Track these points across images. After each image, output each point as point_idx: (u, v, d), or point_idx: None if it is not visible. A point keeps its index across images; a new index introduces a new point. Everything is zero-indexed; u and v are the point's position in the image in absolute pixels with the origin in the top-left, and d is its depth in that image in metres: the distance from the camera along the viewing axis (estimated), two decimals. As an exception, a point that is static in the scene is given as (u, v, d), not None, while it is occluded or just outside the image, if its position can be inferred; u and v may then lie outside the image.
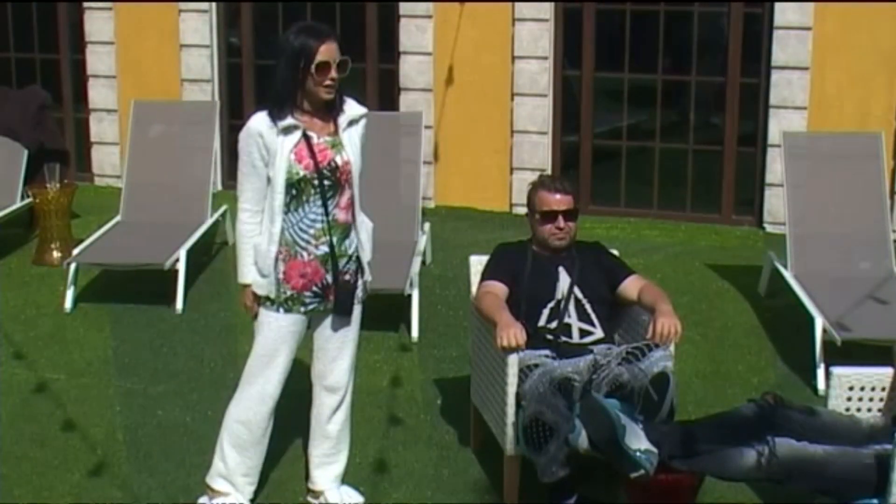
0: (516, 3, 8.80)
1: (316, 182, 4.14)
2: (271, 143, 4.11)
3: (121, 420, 5.36)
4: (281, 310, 4.22)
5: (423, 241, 7.25)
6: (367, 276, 4.39)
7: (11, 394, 5.65)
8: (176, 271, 6.84)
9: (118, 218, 7.72)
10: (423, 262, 7.20)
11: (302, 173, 4.12)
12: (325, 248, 4.19)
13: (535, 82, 8.89)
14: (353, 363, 4.45)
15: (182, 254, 6.91)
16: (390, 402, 5.59)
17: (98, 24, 9.82)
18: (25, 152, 8.36)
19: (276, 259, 4.17)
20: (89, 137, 10.07)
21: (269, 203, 4.16)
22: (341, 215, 4.22)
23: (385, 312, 6.52)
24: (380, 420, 5.37)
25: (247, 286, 4.23)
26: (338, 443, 4.50)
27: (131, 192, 7.84)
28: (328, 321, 4.34)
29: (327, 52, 4.10)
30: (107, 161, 10.01)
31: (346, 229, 4.25)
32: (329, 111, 4.21)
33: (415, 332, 6.38)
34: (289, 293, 4.21)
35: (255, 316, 4.26)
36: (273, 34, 9.61)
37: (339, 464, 4.53)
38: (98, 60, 9.88)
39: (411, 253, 6.89)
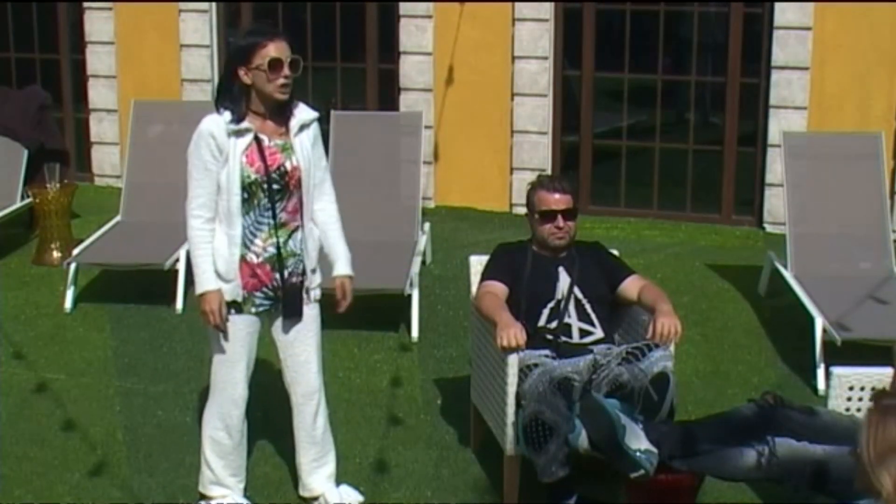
0: (516, 3, 8.80)
1: (265, 186, 4.13)
2: (223, 144, 4.09)
3: (121, 420, 5.36)
4: (232, 310, 4.21)
5: (423, 241, 7.25)
6: (311, 281, 4.34)
7: (11, 394, 5.65)
8: (176, 271, 6.84)
9: (118, 218, 7.72)
10: (423, 262, 7.20)
11: (253, 177, 4.12)
12: (272, 250, 4.20)
13: (535, 82, 8.89)
14: (321, 363, 4.45)
15: (182, 254, 6.90)
16: (390, 402, 5.59)
17: (98, 24, 9.82)
18: (25, 152, 8.36)
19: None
20: (89, 137, 10.06)
21: (224, 207, 4.13)
22: (287, 218, 4.22)
23: (385, 312, 6.52)
24: (380, 420, 5.37)
25: (207, 293, 4.16)
26: (324, 444, 4.51)
27: (131, 192, 7.84)
28: (288, 328, 4.33)
29: (278, 49, 4.06)
30: (107, 161, 10.01)
31: (293, 230, 4.24)
32: (281, 114, 4.19)
33: (415, 332, 6.38)
34: (241, 293, 4.21)
35: (224, 321, 4.17)
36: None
37: (331, 464, 4.54)
38: (98, 60, 9.88)
39: (411, 253, 6.89)
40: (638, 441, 3.99)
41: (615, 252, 5.05)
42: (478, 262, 5.00)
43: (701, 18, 8.85)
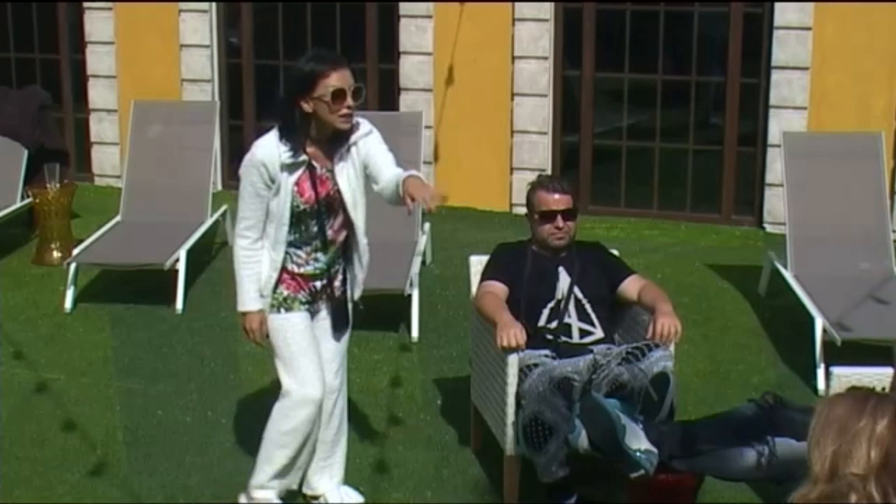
0: (516, 3, 8.80)
1: (314, 212, 4.11)
2: (275, 175, 4.03)
3: (121, 420, 5.36)
4: (283, 310, 4.19)
5: (423, 241, 7.25)
6: (353, 293, 4.35)
7: (11, 394, 5.65)
8: (176, 271, 6.84)
9: (118, 218, 7.72)
10: (423, 262, 7.20)
11: (303, 206, 4.09)
12: (314, 265, 4.19)
13: (535, 82, 8.89)
14: (345, 365, 4.42)
15: (182, 254, 6.91)
16: (390, 402, 5.59)
17: (98, 24, 9.82)
18: (25, 152, 8.36)
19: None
20: (89, 137, 10.07)
21: (272, 234, 4.11)
22: (333, 235, 4.20)
23: (385, 312, 6.52)
24: (380, 420, 5.37)
25: (249, 313, 4.17)
26: (334, 446, 4.47)
27: (131, 192, 7.84)
28: (320, 330, 4.30)
29: (341, 79, 3.98)
30: (107, 161, 10.01)
31: (338, 247, 4.23)
32: (340, 139, 4.11)
33: (415, 332, 6.38)
34: (284, 294, 4.20)
35: (265, 336, 4.19)
36: (273, 34, 9.61)
37: (338, 466, 4.51)
38: (98, 60, 9.88)
39: (411, 253, 6.89)
40: (638, 441, 3.98)
41: (615, 252, 5.05)
42: (478, 262, 5.00)
43: (701, 18, 8.85)
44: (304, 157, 4.05)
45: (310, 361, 4.19)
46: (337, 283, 4.29)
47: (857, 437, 2.42)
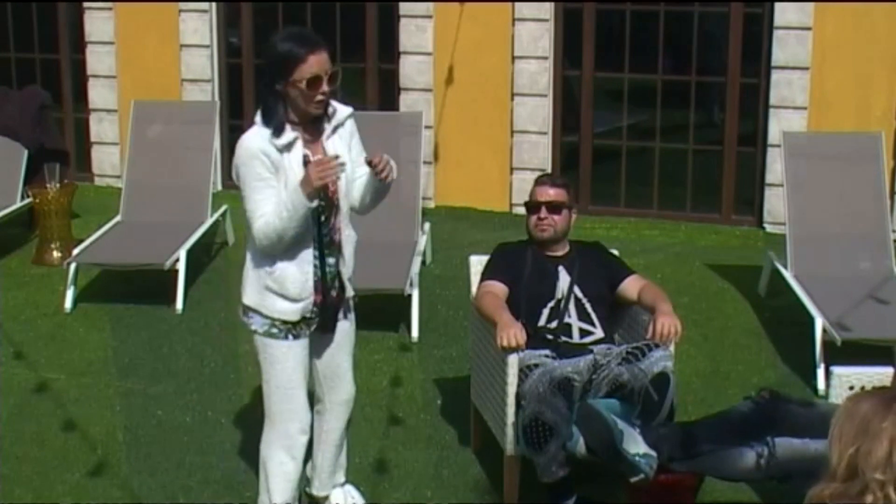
0: (516, 3, 8.80)
1: (321, 204, 3.89)
2: (276, 160, 3.82)
3: (121, 420, 5.36)
4: (290, 337, 3.97)
5: (423, 241, 7.25)
6: (350, 292, 4.14)
7: (11, 394, 5.65)
8: (176, 271, 6.84)
9: (118, 218, 7.72)
10: (423, 262, 7.20)
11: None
12: (320, 268, 3.98)
13: (535, 82, 8.89)
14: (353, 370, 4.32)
15: (182, 254, 6.91)
16: (390, 402, 5.59)
17: (98, 24, 9.82)
18: (25, 152, 8.37)
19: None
20: (89, 137, 10.06)
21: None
22: (336, 236, 4.01)
23: (385, 312, 6.52)
24: (380, 420, 5.37)
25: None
26: (341, 446, 4.42)
27: (131, 192, 7.84)
28: (328, 340, 4.15)
29: (318, 63, 3.79)
30: (107, 161, 10.01)
31: (339, 248, 4.03)
32: (317, 121, 3.94)
33: (415, 332, 6.38)
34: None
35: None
36: (273, 34, 9.61)
37: (344, 468, 4.49)
38: (98, 60, 9.88)
39: (411, 253, 6.89)
40: (636, 445, 3.99)
41: (615, 252, 5.05)
42: (478, 262, 5.00)
43: (701, 18, 8.85)
44: (293, 134, 3.85)
45: (301, 392, 4.04)
46: (335, 288, 4.07)
47: (879, 437, 2.42)
